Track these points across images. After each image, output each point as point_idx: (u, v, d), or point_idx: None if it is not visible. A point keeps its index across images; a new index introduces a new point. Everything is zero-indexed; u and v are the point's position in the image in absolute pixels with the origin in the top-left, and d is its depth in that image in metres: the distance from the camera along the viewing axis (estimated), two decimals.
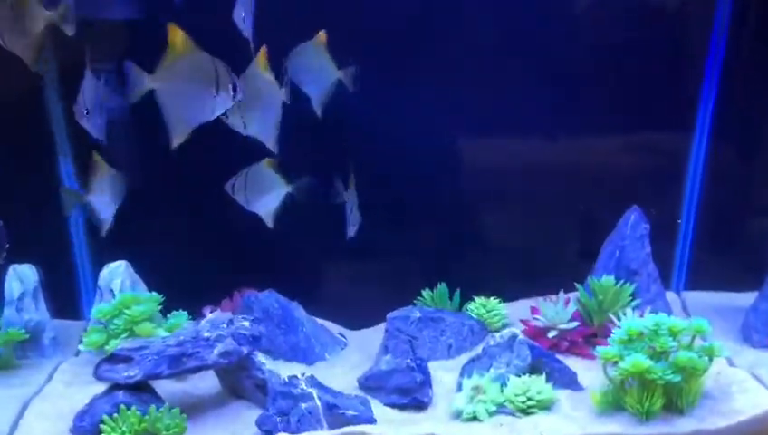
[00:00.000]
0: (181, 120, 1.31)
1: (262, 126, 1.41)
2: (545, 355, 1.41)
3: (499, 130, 1.76)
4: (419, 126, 1.71)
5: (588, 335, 1.51)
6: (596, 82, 1.71)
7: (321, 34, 1.48)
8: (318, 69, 1.49)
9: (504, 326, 1.63)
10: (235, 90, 1.30)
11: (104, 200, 1.51)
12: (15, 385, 1.43)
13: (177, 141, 1.33)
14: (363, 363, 1.56)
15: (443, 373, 1.48)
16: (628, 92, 1.70)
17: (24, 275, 1.51)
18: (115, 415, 1.27)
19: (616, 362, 1.30)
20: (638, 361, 1.26)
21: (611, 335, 1.33)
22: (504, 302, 1.66)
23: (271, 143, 1.44)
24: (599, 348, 1.32)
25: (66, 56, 1.51)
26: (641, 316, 1.43)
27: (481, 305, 1.62)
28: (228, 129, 1.42)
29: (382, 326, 1.66)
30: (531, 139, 1.76)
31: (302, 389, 1.32)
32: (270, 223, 1.49)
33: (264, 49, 1.39)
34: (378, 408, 1.39)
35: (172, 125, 1.30)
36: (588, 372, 1.43)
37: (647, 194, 1.69)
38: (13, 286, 1.50)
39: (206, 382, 1.46)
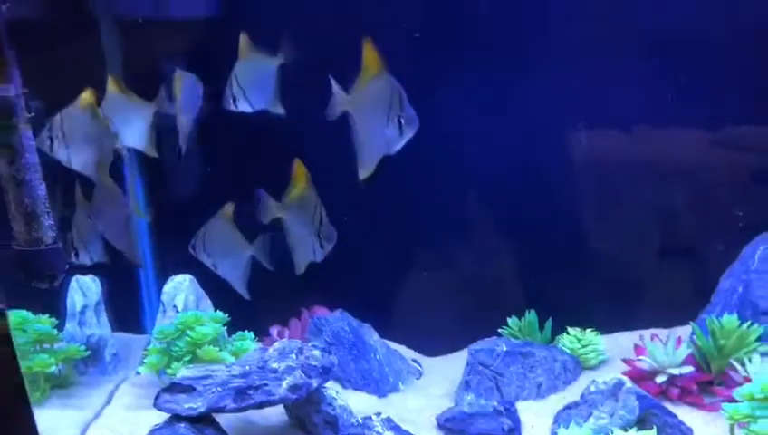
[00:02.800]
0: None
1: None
2: (656, 406, 1.22)
3: (593, 134, 1.56)
4: (495, 134, 1.53)
5: (704, 382, 1.31)
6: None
7: None
8: None
9: (602, 363, 1.46)
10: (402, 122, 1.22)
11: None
12: (74, 406, 1.35)
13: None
14: (441, 397, 1.42)
15: (533, 417, 1.31)
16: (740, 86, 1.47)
17: (86, 288, 1.44)
18: None
19: (747, 423, 1.11)
20: None
21: (739, 388, 1.14)
22: (601, 333, 1.49)
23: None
24: (725, 405, 1.13)
25: None
26: None
27: (575, 338, 1.45)
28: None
29: (459, 354, 1.52)
30: (629, 142, 1.56)
31: (378, 432, 1.19)
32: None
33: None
34: None
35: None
36: (705, 427, 1.24)
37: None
38: (75, 299, 1.43)
39: (273, 413, 1.34)
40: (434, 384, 1.48)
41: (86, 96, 1.28)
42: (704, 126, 1.52)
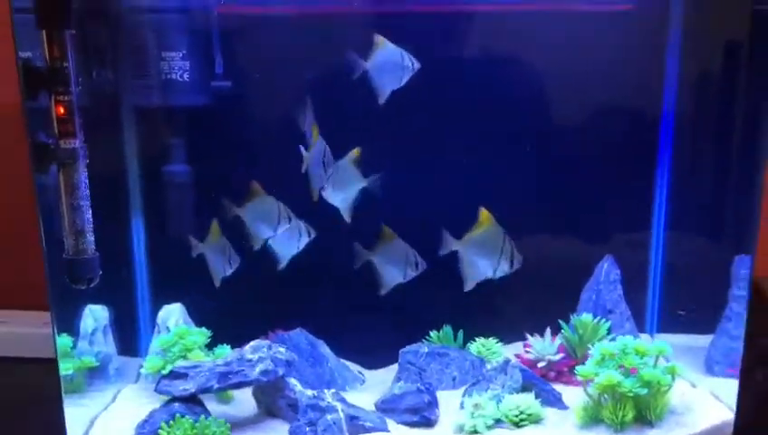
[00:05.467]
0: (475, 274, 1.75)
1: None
2: (535, 378, 1.65)
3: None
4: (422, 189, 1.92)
5: (572, 366, 1.74)
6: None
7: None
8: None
9: None
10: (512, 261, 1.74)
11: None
12: (85, 405, 1.69)
13: (469, 288, 1.77)
14: (379, 393, 1.80)
15: (448, 399, 1.71)
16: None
17: (97, 314, 1.80)
18: (171, 422, 1.52)
19: (593, 380, 1.54)
20: (610, 376, 1.51)
21: (588, 358, 1.58)
22: (502, 343, 1.92)
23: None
24: (577, 368, 1.57)
25: None
26: None
27: (481, 345, 1.88)
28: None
29: (394, 367, 1.91)
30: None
31: (329, 402, 1.57)
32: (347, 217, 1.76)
33: None
34: (392, 426, 1.62)
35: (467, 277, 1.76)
36: (572, 395, 1.66)
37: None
38: (87, 323, 1.79)
39: (246, 405, 1.71)
40: (374, 386, 1.86)
41: None
42: None
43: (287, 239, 1.82)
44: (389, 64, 1.71)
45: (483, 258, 1.73)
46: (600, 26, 1.83)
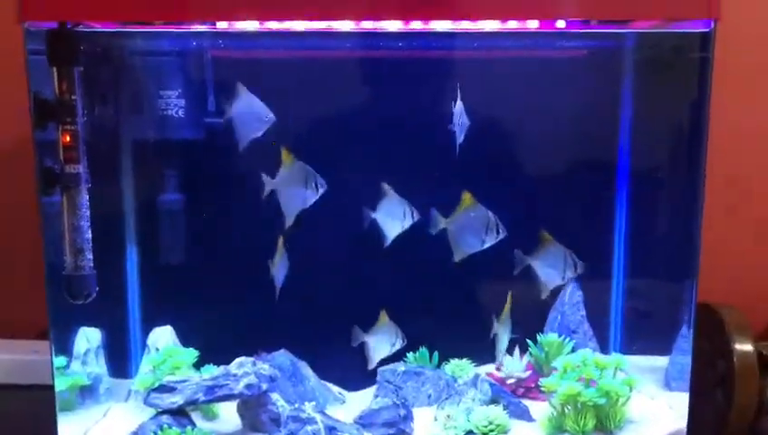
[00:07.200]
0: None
1: None
2: (503, 392, 1.76)
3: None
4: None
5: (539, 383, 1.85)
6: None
7: None
8: None
9: None
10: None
11: None
12: (76, 421, 1.77)
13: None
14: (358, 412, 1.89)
15: (423, 415, 1.81)
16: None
17: (90, 336, 1.90)
18: (159, 432, 1.61)
19: (556, 392, 1.65)
20: (571, 386, 1.62)
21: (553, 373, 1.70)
22: (475, 364, 2.02)
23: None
24: (542, 379, 1.68)
25: None
26: None
27: (455, 366, 1.98)
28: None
29: (374, 389, 2.00)
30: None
31: (309, 414, 1.66)
32: None
33: None
34: None
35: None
36: (539, 409, 1.76)
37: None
38: (80, 344, 1.88)
39: (230, 421, 1.79)
40: (353, 407, 1.95)
41: None
42: None
43: (392, 218, 1.88)
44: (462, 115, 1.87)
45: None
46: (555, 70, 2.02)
